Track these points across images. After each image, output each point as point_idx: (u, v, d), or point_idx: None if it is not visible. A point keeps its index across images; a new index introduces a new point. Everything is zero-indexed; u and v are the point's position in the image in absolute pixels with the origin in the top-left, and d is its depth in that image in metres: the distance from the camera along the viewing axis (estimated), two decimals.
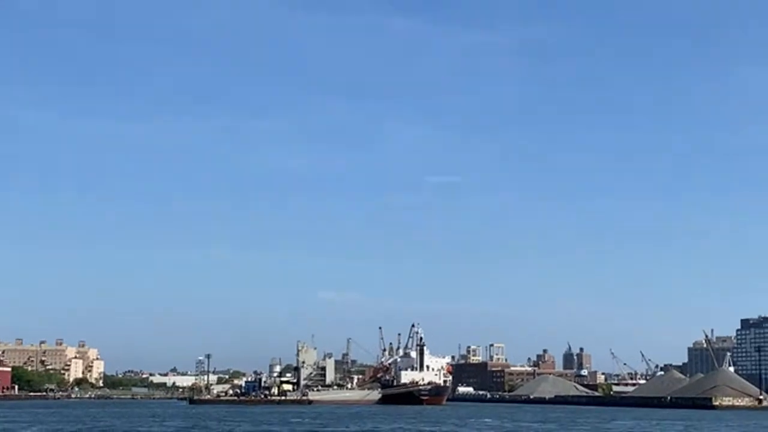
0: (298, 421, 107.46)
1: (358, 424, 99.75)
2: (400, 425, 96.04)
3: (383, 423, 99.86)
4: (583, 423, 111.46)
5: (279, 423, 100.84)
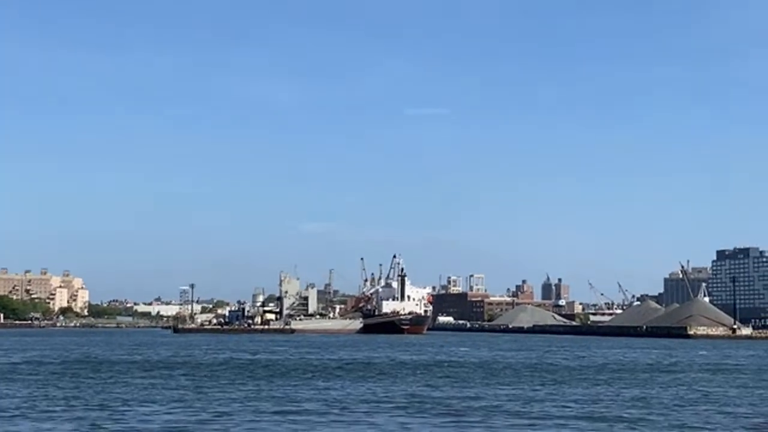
0: (282, 348, 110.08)
1: (332, 351, 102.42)
2: (376, 353, 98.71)
3: (358, 351, 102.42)
4: (558, 351, 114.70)
5: (263, 351, 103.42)
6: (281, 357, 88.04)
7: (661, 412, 38.03)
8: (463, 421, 34.16)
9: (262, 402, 40.94)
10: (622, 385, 53.71)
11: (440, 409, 38.30)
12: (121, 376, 57.76)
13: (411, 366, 73.78)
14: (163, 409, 37.71)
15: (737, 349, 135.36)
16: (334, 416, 35.32)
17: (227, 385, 51.23)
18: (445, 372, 65.82)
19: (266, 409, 37.68)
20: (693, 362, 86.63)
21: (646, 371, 70.73)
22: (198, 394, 44.86)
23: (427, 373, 63.59)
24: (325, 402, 41.13)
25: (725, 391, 50.47)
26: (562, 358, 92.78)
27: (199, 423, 32.93)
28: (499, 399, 43.43)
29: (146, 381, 53.68)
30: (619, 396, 46.01)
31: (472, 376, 61.15)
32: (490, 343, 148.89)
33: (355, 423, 33.38)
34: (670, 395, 47.16)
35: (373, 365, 74.33)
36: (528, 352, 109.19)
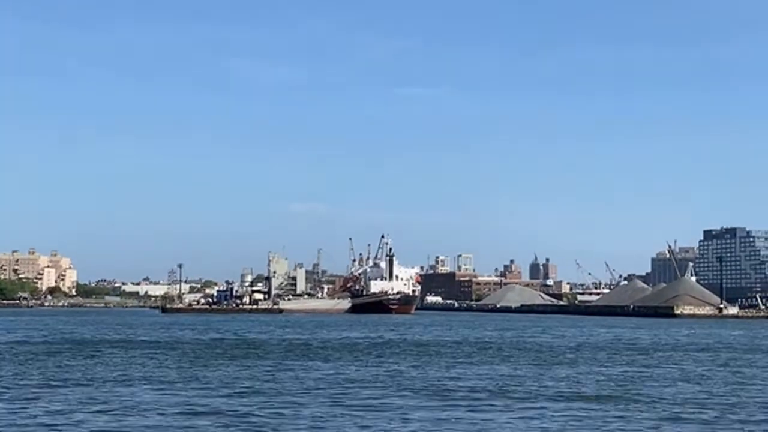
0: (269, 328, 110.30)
1: (310, 332, 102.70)
2: (355, 333, 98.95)
3: (335, 331, 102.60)
4: (542, 330, 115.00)
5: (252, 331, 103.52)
6: (261, 337, 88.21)
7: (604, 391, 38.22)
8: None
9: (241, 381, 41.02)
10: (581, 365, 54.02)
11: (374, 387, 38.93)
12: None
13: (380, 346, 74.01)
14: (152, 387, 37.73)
15: (722, 327, 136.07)
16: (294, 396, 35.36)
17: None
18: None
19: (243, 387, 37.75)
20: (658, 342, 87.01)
21: (604, 349, 71.07)
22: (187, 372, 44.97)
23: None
24: (301, 382, 41.39)
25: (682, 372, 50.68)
26: (529, 337, 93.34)
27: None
28: (467, 378, 43.71)
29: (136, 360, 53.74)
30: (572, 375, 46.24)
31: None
32: (474, 323, 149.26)
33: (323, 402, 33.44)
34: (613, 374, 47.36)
35: (356, 345, 74.73)
36: (512, 332, 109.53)
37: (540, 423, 28.38)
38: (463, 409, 31.03)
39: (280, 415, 29.46)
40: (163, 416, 28.84)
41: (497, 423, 28.18)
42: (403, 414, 29.80)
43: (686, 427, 28.13)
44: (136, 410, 30.21)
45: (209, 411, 30.07)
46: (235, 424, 27.53)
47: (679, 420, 29.45)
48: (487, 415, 29.93)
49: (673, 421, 29.05)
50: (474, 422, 28.17)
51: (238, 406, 31.42)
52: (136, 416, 28.82)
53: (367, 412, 30.11)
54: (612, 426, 28.01)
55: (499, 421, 28.56)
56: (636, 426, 28.01)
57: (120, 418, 28.40)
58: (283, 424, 27.52)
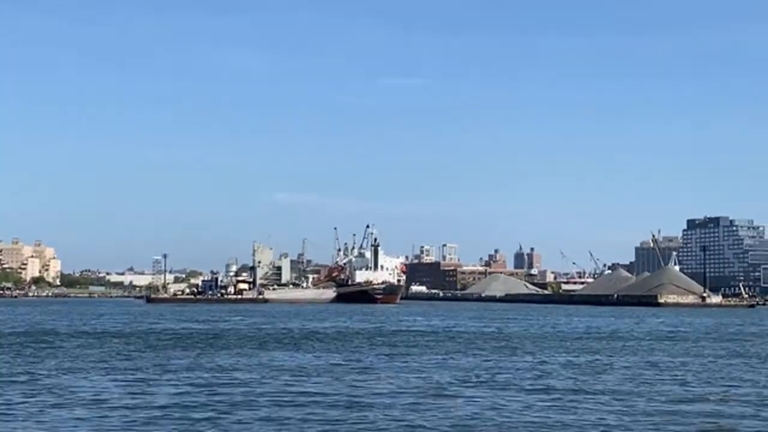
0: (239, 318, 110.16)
1: (286, 321, 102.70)
2: (330, 323, 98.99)
3: (311, 322, 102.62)
4: (521, 320, 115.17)
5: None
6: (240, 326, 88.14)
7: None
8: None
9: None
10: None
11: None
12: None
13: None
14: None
15: (705, 316, 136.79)
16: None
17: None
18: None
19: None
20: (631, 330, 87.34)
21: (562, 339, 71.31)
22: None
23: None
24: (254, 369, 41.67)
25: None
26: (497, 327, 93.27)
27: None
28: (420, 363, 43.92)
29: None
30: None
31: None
32: (455, 313, 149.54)
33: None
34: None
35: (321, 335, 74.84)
36: (489, 322, 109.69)
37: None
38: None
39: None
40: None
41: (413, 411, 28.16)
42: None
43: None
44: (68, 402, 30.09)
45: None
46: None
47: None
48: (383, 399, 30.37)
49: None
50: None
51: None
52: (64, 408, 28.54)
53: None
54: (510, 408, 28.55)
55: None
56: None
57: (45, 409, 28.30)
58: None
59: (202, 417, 26.64)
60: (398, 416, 26.92)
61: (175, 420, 26.14)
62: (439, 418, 26.68)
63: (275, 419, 26.27)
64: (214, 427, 24.96)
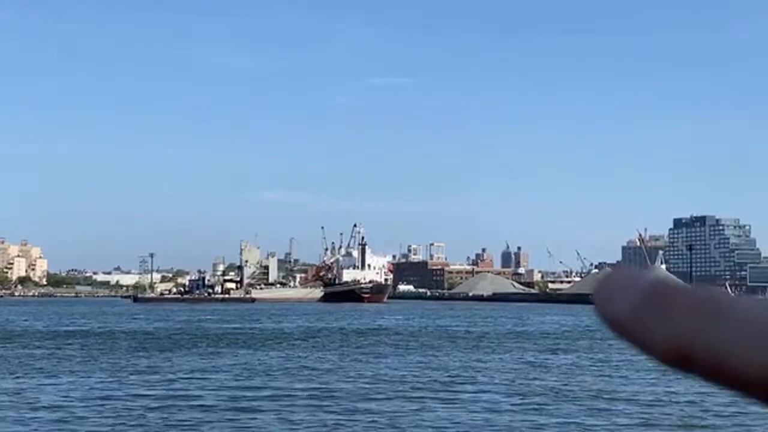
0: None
1: (262, 320, 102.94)
2: (306, 323, 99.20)
3: (285, 320, 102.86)
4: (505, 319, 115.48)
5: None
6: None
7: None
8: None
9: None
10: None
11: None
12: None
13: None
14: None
15: None
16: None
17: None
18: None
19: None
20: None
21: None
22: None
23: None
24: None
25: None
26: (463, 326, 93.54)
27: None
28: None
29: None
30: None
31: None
32: (438, 312, 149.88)
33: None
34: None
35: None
36: (462, 320, 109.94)
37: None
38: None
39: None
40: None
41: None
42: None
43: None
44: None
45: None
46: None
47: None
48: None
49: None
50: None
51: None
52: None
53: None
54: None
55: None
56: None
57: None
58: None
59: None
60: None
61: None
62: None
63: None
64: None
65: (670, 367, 0.96)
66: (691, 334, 0.94)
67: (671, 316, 0.97)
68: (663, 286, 1.02)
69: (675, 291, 1.00)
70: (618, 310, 1.02)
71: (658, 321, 0.97)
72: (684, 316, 0.94)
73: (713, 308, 0.93)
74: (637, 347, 0.98)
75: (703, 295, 0.94)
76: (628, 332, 0.99)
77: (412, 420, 26.27)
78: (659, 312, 0.98)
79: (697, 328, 0.94)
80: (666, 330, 0.96)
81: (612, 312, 1.03)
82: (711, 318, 0.91)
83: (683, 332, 0.95)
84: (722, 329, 0.91)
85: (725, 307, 0.92)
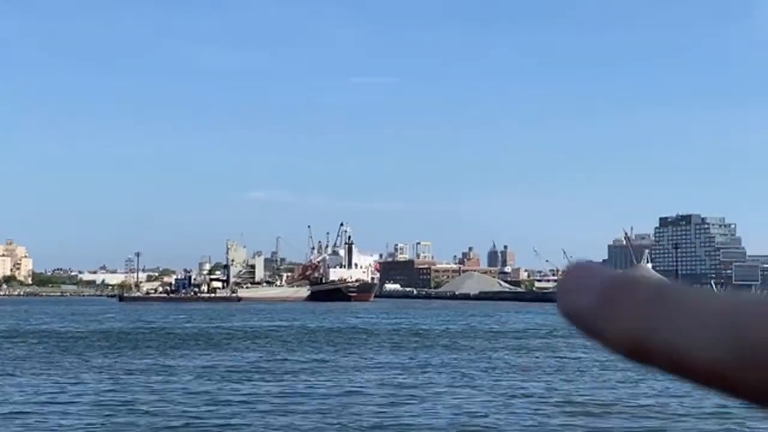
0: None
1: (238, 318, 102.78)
2: (282, 322, 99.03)
3: (265, 319, 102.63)
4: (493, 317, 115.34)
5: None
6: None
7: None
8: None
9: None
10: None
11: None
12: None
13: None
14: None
15: None
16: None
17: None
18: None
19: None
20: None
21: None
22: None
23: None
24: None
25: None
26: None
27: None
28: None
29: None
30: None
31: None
32: (422, 311, 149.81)
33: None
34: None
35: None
36: (448, 317, 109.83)
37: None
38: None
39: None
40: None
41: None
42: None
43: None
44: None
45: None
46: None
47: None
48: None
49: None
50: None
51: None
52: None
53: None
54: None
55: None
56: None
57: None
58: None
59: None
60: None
61: None
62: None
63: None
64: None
65: (630, 360, 0.97)
66: (647, 327, 0.96)
67: (629, 309, 0.98)
68: (621, 279, 1.02)
69: (632, 284, 1.01)
70: (578, 305, 1.03)
71: (616, 314, 0.99)
72: (641, 308, 0.96)
73: (668, 300, 0.95)
74: (597, 341, 1.00)
75: (659, 287, 0.95)
76: (588, 326, 1.01)
77: (389, 419, 26.17)
78: (617, 306, 1.00)
79: (653, 321, 0.95)
80: (623, 323, 0.98)
81: (572, 306, 1.03)
82: (666, 310, 0.94)
83: (640, 325, 0.96)
84: (675, 321, 0.93)
85: (680, 298, 0.94)
